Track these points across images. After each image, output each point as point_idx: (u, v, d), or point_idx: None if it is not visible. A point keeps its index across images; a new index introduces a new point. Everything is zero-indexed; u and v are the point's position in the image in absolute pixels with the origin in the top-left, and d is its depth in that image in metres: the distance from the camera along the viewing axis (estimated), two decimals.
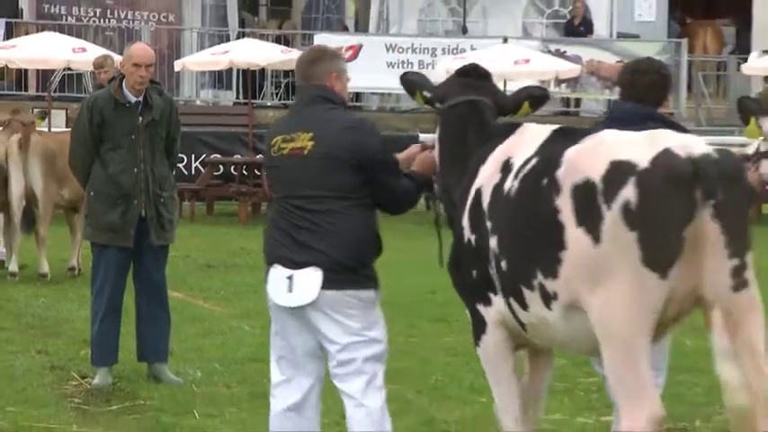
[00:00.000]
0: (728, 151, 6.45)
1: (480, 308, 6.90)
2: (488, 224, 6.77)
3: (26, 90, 29.87)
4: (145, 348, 10.68)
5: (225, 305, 13.47)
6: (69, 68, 27.27)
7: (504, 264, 6.68)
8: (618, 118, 7.59)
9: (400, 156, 7.60)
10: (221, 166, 24.35)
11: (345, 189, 7.18)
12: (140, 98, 10.43)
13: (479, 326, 6.94)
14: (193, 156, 24.58)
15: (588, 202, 6.28)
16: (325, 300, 7.08)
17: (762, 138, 7.67)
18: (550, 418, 9.51)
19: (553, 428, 9.27)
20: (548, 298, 6.47)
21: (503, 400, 7.01)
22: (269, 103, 29.87)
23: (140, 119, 10.40)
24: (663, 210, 6.17)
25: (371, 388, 7.16)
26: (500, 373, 6.99)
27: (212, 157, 24.32)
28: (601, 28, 32.21)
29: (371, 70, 29.00)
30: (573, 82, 30.50)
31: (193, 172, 24.65)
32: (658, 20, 34.43)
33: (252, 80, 28.39)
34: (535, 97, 7.47)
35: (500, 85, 26.55)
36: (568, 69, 29.13)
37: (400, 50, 29.75)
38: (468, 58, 28.20)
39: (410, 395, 9.78)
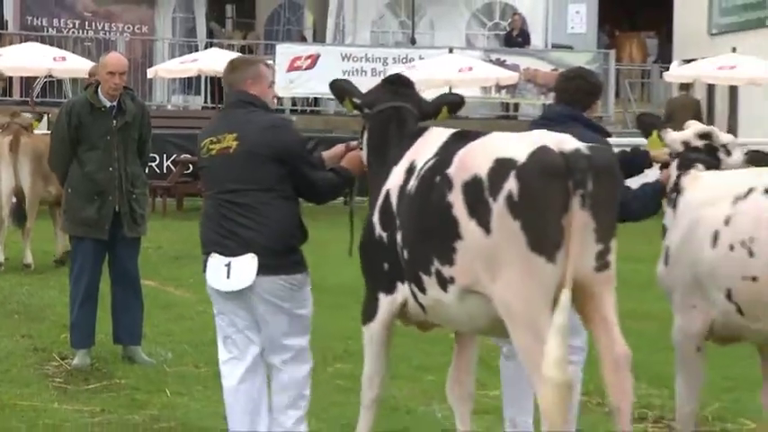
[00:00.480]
0: (601, 147, 6.61)
1: (381, 296, 7.09)
2: (397, 222, 6.91)
3: (10, 96, 29.69)
4: (120, 332, 10.68)
5: (193, 292, 13.43)
6: (50, 76, 27.23)
7: (406, 253, 6.82)
8: (548, 118, 7.72)
9: (326, 153, 7.77)
10: (190, 165, 24.28)
11: (269, 182, 7.29)
12: (114, 103, 10.42)
13: (372, 311, 7.15)
14: (165, 155, 24.58)
15: (477, 196, 6.41)
16: (260, 284, 7.22)
17: (665, 148, 7.71)
18: (489, 394, 9.54)
19: (495, 404, 9.29)
20: (444, 282, 6.60)
21: (371, 372, 7.28)
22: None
23: (115, 122, 10.40)
24: (541, 199, 6.29)
25: (297, 360, 7.41)
26: (375, 353, 7.22)
27: (182, 156, 24.23)
28: (537, 39, 32.30)
29: (328, 77, 28.79)
30: (512, 88, 30.58)
31: (165, 170, 24.66)
32: (589, 32, 34.58)
33: (219, 86, 28.28)
34: (452, 103, 7.66)
35: (446, 90, 26.61)
36: (508, 77, 29.22)
37: (354, 59, 29.74)
38: (416, 66, 28.26)
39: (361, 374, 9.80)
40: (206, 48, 29.85)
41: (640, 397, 9.53)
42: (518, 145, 6.44)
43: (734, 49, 29.12)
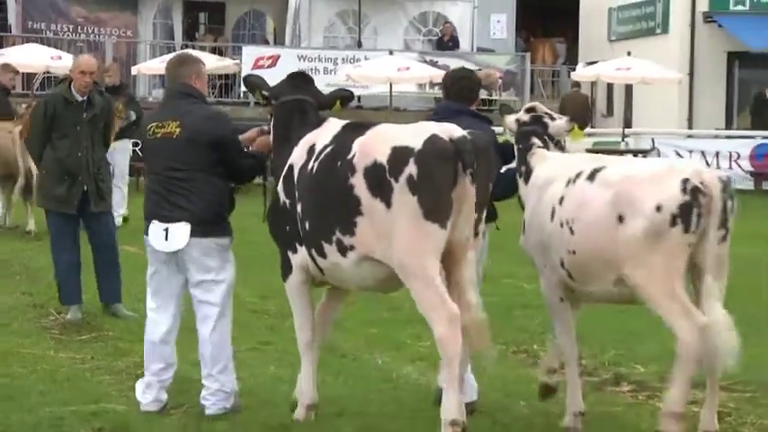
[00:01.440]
0: (479, 133, 6.79)
1: (290, 254, 7.18)
2: (296, 193, 7.06)
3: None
4: (103, 293, 10.72)
5: None
6: (48, 72, 27.01)
7: (307, 224, 6.97)
8: (441, 111, 7.85)
9: (243, 136, 7.81)
10: None
11: (203, 163, 7.39)
12: (85, 98, 10.44)
13: (287, 268, 7.24)
14: None
15: (378, 178, 6.59)
16: (192, 245, 7.34)
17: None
18: (424, 345, 9.54)
19: (426, 353, 9.30)
20: (344, 250, 6.78)
21: (299, 322, 7.32)
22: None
23: (85, 114, 10.46)
24: (436, 178, 6.51)
25: (218, 314, 7.43)
26: (298, 304, 7.29)
27: None
28: (465, 43, 32.30)
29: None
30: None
31: None
32: (508, 38, 34.65)
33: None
34: (344, 97, 7.78)
35: (386, 87, 26.42)
36: (439, 75, 29.19)
37: (309, 60, 29.65)
38: (362, 65, 28.22)
39: None
40: (182, 49, 29.62)
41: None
42: (412, 135, 6.65)
43: (629, 53, 29.25)
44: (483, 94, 33.61)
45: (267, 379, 8.05)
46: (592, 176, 6.90)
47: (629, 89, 30.82)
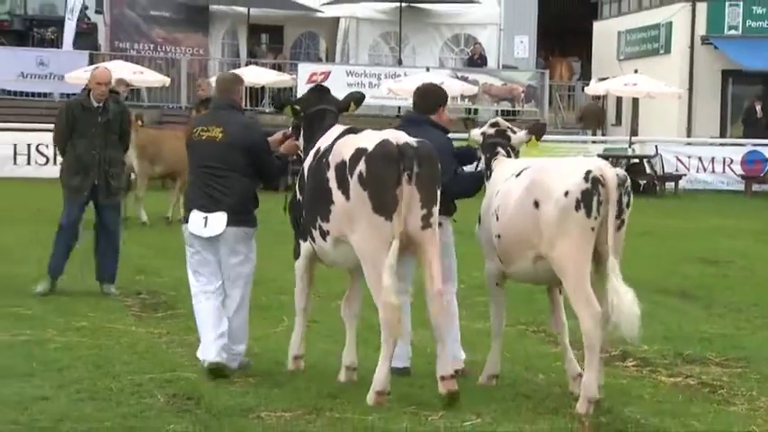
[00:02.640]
0: (425, 141, 6.98)
1: (301, 242, 7.53)
2: (303, 190, 7.40)
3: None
4: (99, 273, 10.81)
5: None
6: (132, 85, 27.07)
7: (304, 213, 7.34)
8: (406, 120, 7.99)
9: (270, 138, 8.05)
10: None
11: (238, 164, 7.61)
12: (101, 104, 10.56)
13: (297, 252, 7.60)
14: None
15: (342, 173, 6.93)
16: (228, 232, 7.56)
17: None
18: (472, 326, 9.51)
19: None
20: (324, 234, 7.16)
21: (299, 290, 7.68)
22: (267, 110, 29.66)
23: (99, 118, 10.58)
24: (381, 176, 6.79)
25: (241, 291, 7.69)
26: (300, 278, 7.64)
27: None
28: (491, 61, 32.20)
29: (336, 89, 28.37)
30: (472, 98, 30.51)
31: None
32: (530, 57, 34.55)
33: (255, 94, 28.27)
34: (356, 99, 7.96)
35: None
36: (469, 89, 29.16)
37: (356, 75, 29.63)
38: (402, 80, 28.17)
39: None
40: (246, 65, 29.71)
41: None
42: (371, 139, 6.94)
43: (636, 71, 29.08)
44: (507, 106, 33.76)
45: (317, 354, 8.05)
46: (519, 173, 7.15)
47: (635, 102, 30.63)
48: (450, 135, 7.87)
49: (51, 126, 15.71)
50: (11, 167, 25.12)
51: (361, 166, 6.82)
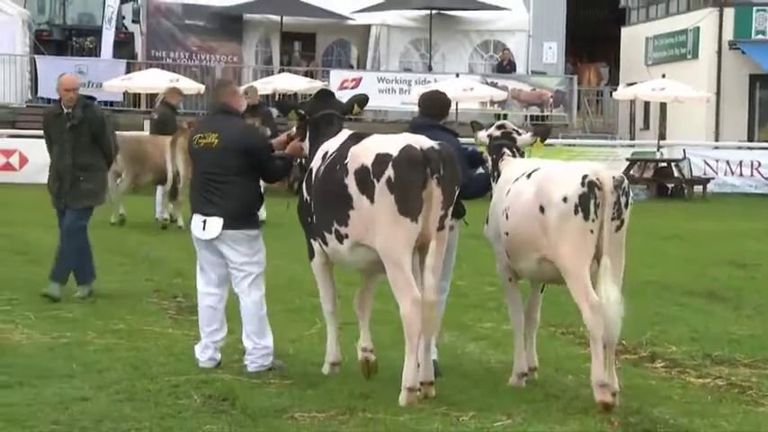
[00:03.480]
0: (445, 144, 7.07)
1: (312, 241, 7.55)
2: (312, 191, 7.43)
3: (138, 107, 29.80)
4: (53, 272, 10.60)
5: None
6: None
7: (315, 217, 7.37)
8: (416, 126, 7.98)
9: (275, 140, 8.20)
10: None
11: (238, 169, 7.69)
12: (69, 110, 10.54)
13: (311, 251, 7.62)
14: None
15: (365, 179, 6.95)
16: (226, 235, 7.68)
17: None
18: (485, 326, 9.52)
19: (487, 333, 9.28)
20: (341, 238, 7.17)
21: (322, 295, 7.71)
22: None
23: (67, 124, 10.54)
24: (408, 180, 6.85)
25: (253, 287, 7.80)
26: (321, 280, 7.68)
27: None
28: (521, 67, 32.13)
29: (368, 94, 28.92)
30: (502, 103, 30.45)
31: None
32: (558, 63, 34.45)
33: (288, 100, 28.21)
34: (360, 101, 8.07)
35: (452, 106, 26.33)
36: (498, 94, 29.12)
37: (387, 82, 29.65)
38: (432, 86, 28.11)
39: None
40: (279, 72, 29.80)
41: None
42: (392, 144, 6.97)
43: (663, 76, 28.95)
44: (536, 111, 33.66)
45: (352, 355, 8.06)
46: (529, 175, 7.25)
47: (663, 106, 30.48)
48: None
49: None
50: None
51: (390, 171, 6.87)
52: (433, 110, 7.99)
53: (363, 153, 7.04)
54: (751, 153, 27.84)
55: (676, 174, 26.11)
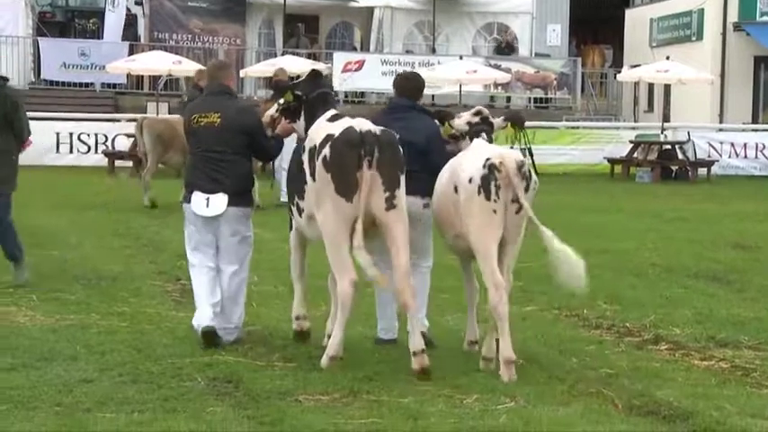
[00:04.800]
0: (387, 129, 7.31)
1: (294, 217, 7.84)
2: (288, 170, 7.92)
3: (141, 89, 29.77)
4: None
5: (274, 233, 13.33)
6: (170, 75, 27.23)
7: (287, 190, 7.89)
8: (393, 107, 8.24)
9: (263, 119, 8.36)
10: None
11: (237, 147, 7.97)
12: None
13: (291, 226, 7.99)
14: None
15: (312, 157, 7.35)
16: (228, 212, 7.93)
17: (453, 131, 7.99)
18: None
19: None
20: (300, 211, 7.66)
21: (294, 261, 8.11)
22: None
23: None
24: (340, 160, 7.18)
25: (239, 267, 8.07)
26: (295, 251, 8.07)
27: None
28: (524, 50, 32.07)
29: (371, 77, 28.94)
30: (505, 86, 30.39)
31: None
32: (562, 45, 34.33)
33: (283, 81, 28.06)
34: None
35: (456, 87, 26.31)
36: (502, 77, 29.04)
37: (390, 64, 29.56)
38: (436, 69, 28.09)
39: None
40: (282, 55, 29.74)
41: (598, 310, 9.52)
42: (338, 126, 7.30)
43: (668, 57, 28.86)
44: (540, 93, 33.60)
45: (355, 337, 8.07)
46: (458, 158, 7.60)
47: (667, 88, 30.41)
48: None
49: (93, 115, 15.89)
50: (54, 156, 25.31)
51: (326, 151, 7.22)
52: (409, 91, 8.19)
53: (317, 133, 7.41)
54: (756, 135, 27.79)
55: (680, 156, 26.05)
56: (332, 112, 7.70)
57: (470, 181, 7.26)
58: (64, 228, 14.41)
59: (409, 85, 8.24)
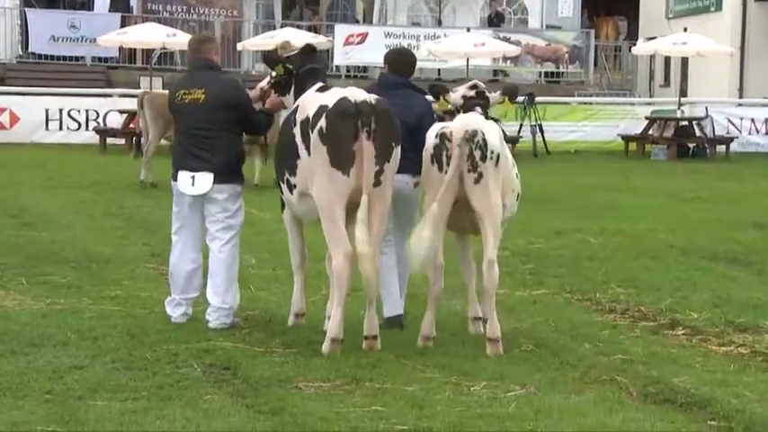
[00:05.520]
0: (382, 99, 7.41)
1: (285, 194, 7.81)
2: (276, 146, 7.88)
3: (134, 63, 29.74)
4: None
5: (271, 213, 13.29)
6: (164, 48, 27.19)
7: (275, 167, 7.82)
8: (384, 84, 8.31)
9: (252, 93, 8.42)
10: None
11: (224, 123, 8.00)
12: None
13: (282, 204, 8.00)
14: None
15: (305, 130, 7.37)
16: (215, 189, 7.99)
17: (449, 106, 8.13)
18: (497, 292, 9.50)
19: (499, 299, 9.26)
20: (291, 188, 7.62)
21: (291, 248, 8.14)
22: None
23: None
24: (337, 132, 7.22)
25: (230, 242, 8.12)
26: (290, 231, 8.07)
27: None
28: (535, 21, 31.99)
29: (374, 50, 28.82)
30: (515, 59, 30.34)
31: None
32: (574, 16, 34.22)
33: (275, 54, 28.01)
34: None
35: (464, 61, 26.19)
36: (512, 50, 28.98)
37: (395, 37, 29.55)
38: (442, 42, 28.04)
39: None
40: (281, 27, 29.69)
41: (611, 294, 9.52)
42: (332, 97, 7.35)
43: (685, 29, 28.77)
44: (551, 67, 33.52)
45: (357, 323, 8.07)
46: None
47: (684, 62, 30.34)
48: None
49: (84, 90, 15.90)
50: (43, 133, 25.32)
51: (322, 122, 7.25)
52: (401, 67, 8.29)
53: (308, 105, 7.45)
54: None
55: (698, 133, 26.02)
56: (319, 84, 7.77)
57: (425, 151, 7.56)
58: (54, 208, 14.42)
59: (402, 60, 8.34)
